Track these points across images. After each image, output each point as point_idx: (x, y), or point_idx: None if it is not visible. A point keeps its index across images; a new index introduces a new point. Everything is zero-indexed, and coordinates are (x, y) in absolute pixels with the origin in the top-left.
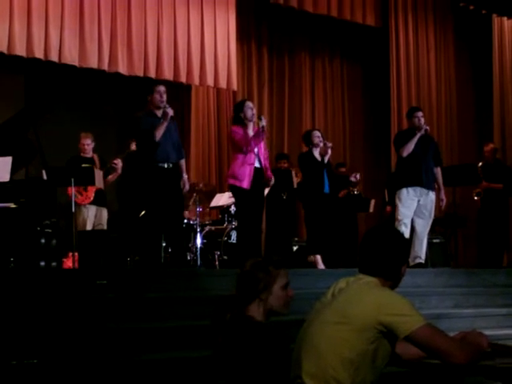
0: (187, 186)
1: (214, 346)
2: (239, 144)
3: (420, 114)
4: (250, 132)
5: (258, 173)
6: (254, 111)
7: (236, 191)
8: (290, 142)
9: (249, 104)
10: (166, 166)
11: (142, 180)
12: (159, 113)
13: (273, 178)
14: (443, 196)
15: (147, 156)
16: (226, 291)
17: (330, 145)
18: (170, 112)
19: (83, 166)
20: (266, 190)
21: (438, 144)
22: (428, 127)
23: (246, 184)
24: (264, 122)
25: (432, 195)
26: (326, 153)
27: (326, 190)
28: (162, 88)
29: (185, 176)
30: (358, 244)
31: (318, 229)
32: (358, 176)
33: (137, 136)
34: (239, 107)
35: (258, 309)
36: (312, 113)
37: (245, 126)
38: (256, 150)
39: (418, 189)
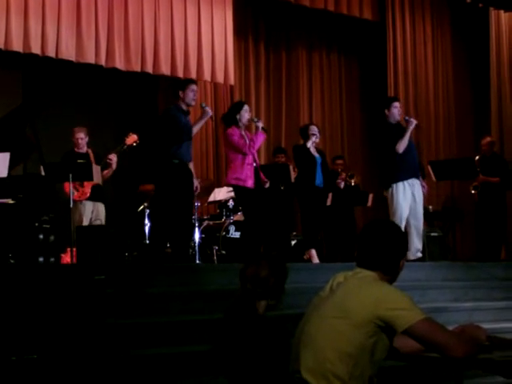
0: (199, 189)
1: (214, 340)
2: (239, 147)
3: (399, 104)
4: (245, 135)
5: (256, 172)
6: (250, 115)
7: (241, 191)
8: (288, 136)
9: (247, 107)
10: (183, 163)
11: (160, 175)
12: (186, 109)
13: (267, 181)
14: (424, 183)
15: (169, 151)
16: (225, 286)
17: (316, 136)
18: (210, 112)
19: (80, 161)
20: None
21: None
22: (416, 121)
23: (250, 183)
24: (260, 124)
25: (419, 185)
26: (311, 139)
27: (319, 183)
28: (195, 86)
29: (196, 179)
30: (356, 237)
31: (311, 223)
32: (342, 184)
33: (169, 130)
34: (236, 109)
35: (263, 304)
36: (309, 107)
37: (240, 128)
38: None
39: (411, 180)
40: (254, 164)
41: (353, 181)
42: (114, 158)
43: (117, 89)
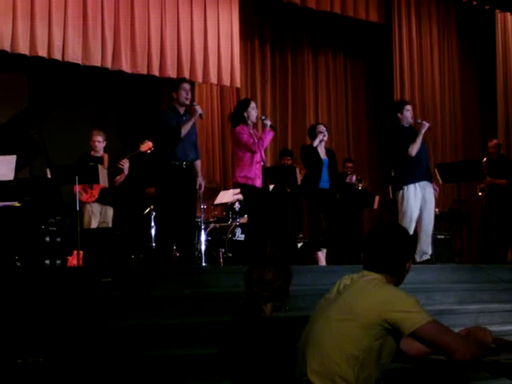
0: (203, 187)
1: (220, 343)
2: (248, 145)
3: (410, 107)
4: (253, 134)
5: (263, 170)
6: (258, 113)
7: (249, 190)
8: (294, 138)
9: (253, 105)
10: (184, 164)
11: (159, 177)
12: (182, 110)
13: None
14: (435, 186)
15: (166, 153)
16: (231, 288)
17: (325, 134)
18: (200, 110)
19: (90, 164)
20: (271, 187)
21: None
22: (429, 124)
23: (258, 183)
24: (268, 122)
25: (431, 188)
26: (318, 137)
27: (324, 185)
28: (187, 85)
29: (200, 177)
30: (363, 240)
31: (316, 224)
32: (353, 178)
33: (160, 132)
34: (243, 107)
35: (269, 307)
36: (315, 109)
37: (248, 126)
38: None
39: (423, 183)
40: (262, 163)
41: (360, 185)
42: (125, 163)
43: (123, 91)
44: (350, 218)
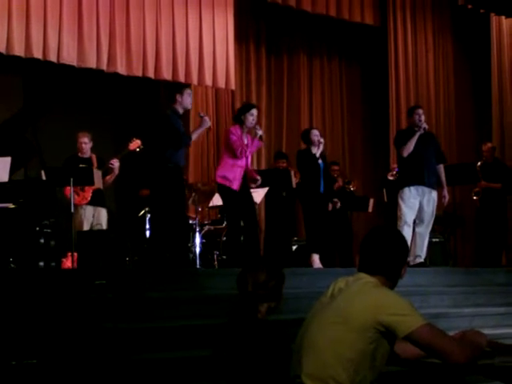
0: None
1: (214, 345)
2: (234, 147)
3: (420, 111)
4: (245, 138)
5: (245, 174)
6: (256, 120)
7: (225, 191)
8: (289, 141)
9: (253, 112)
10: (178, 167)
11: (156, 179)
12: (181, 111)
13: (259, 178)
14: (446, 193)
15: (164, 156)
16: (225, 291)
17: (321, 141)
18: (209, 123)
19: (81, 166)
20: (265, 190)
21: (439, 141)
22: (427, 126)
23: (236, 186)
24: (260, 132)
25: (434, 195)
26: (318, 148)
27: (322, 189)
28: (191, 91)
29: None
30: (352, 243)
31: (316, 228)
32: (340, 182)
33: (165, 135)
34: (243, 110)
35: (262, 309)
36: (310, 113)
37: (242, 129)
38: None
39: (421, 188)
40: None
41: (350, 186)
42: (116, 162)
43: (118, 94)
44: (339, 221)
